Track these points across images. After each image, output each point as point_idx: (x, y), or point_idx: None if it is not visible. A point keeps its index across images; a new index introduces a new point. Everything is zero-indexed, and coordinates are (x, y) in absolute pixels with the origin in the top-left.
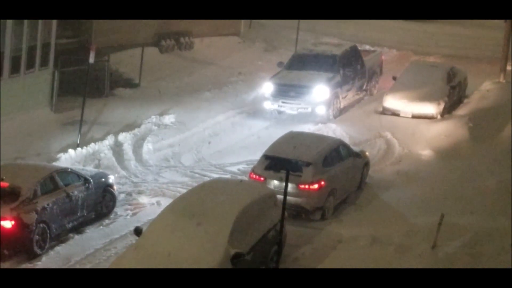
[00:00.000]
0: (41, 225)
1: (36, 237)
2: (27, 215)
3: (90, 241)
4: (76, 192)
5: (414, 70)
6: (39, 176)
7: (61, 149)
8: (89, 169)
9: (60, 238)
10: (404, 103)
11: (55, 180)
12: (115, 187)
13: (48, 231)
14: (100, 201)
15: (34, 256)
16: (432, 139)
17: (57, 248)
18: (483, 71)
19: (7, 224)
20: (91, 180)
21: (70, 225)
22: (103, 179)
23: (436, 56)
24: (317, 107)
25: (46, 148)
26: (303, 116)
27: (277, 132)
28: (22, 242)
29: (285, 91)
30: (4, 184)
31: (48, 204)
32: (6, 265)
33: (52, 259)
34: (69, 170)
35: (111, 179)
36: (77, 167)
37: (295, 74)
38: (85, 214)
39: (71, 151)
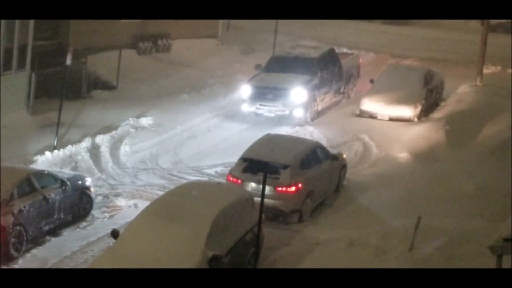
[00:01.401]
0: (18, 227)
1: (13, 239)
2: (4, 218)
3: (67, 244)
4: (53, 195)
5: (391, 73)
6: (15, 179)
7: (38, 151)
8: (66, 172)
9: (37, 240)
10: (382, 106)
11: (32, 183)
12: (92, 189)
13: (24, 234)
14: (77, 204)
15: (11, 259)
16: (409, 141)
17: (34, 251)
18: (460, 74)
19: None
20: (68, 183)
21: (46, 228)
22: (80, 182)
23: (413, 59)
24: (295, 110)
25: (22, 150)
26: (281, 118)
27: (255, 135)
28: None
29: (263, 93)
30: None
31: (24, 207)
32: None
33: (28, 261)
34: (46, 172)
35: (88, 181)
36: (54, 170)
37: (273, 76)
38: (62, 216)
39: (48, 153)
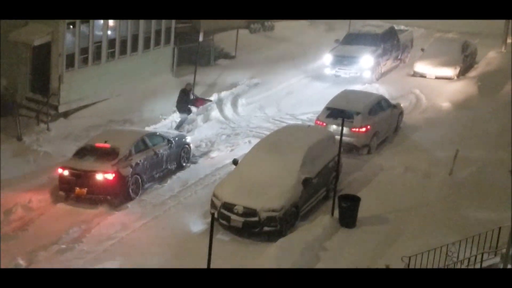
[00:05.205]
0: (135, 176)
1: (131, 186)
2: (124, 169)
3: (201, 169)
4: (161, 150)
5: (437, 43)
6: (133, 139)
7: None
8: (172, 132)
9: (180, 167)
10: (430, 68)
11: (145, 142)
12: (191, 145)
13: (140, 181)
14: (180, 156)
15: (130, 200)
16: (450, 94)
17: (178, 174)
18: (489, 44)
19: (110, 176)
20: (173, 141)
21: (157, 176)
22: (182, 140)
23: (454, 33)
24: (364, 72)
25: (169, 103)
26: (354, 78)
27: (335, 91)
28: (121, 190)
29: (341, 60)
30: (107, 145)
31: (140, 161)
32: (113, 204)
33: (174, 182)
34: (157, 133)
35: (188, 139)
36: (163, 130)
37: (348, 48)
38: (169, 167)
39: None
